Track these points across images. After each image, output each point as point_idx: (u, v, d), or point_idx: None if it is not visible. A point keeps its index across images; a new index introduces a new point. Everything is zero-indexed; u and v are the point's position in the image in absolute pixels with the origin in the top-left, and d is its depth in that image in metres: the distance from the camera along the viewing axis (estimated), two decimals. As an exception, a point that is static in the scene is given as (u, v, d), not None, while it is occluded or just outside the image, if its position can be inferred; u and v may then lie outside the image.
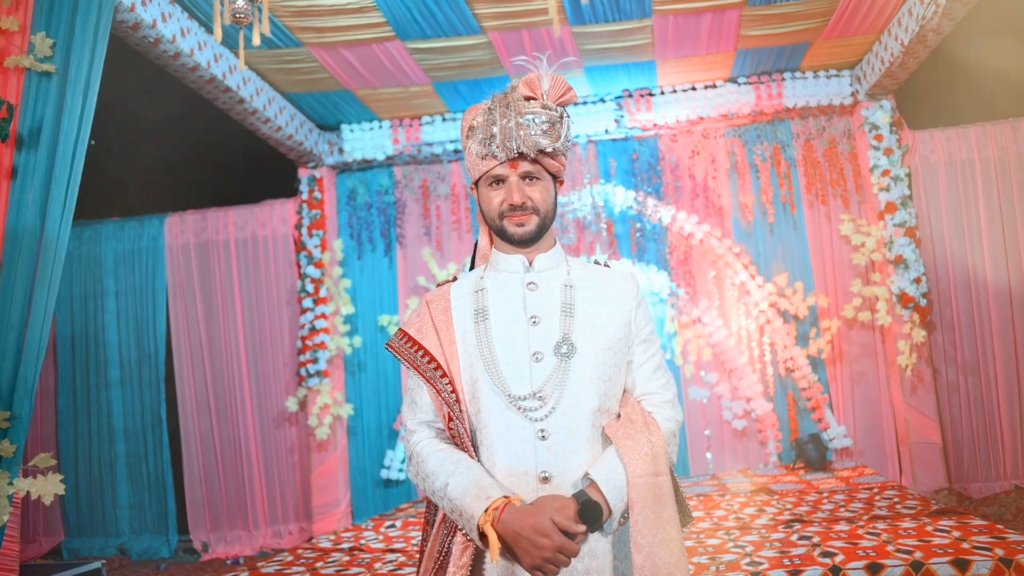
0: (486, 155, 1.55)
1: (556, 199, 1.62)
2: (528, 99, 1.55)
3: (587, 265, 1.67)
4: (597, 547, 1.48)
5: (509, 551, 1.42)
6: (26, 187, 2.94)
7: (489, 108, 1.57)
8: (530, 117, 1.52)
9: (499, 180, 1.56)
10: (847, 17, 5.03)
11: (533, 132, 1.52)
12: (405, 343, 1.63)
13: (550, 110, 1.54)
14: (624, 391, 1.60)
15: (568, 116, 1.59)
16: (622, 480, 1.44)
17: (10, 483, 2.71)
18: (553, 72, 1.57)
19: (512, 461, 1.49)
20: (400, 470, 6.14)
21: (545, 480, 1.47)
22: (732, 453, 5.98)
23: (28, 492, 2.70)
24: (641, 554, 1.42)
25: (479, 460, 1.52)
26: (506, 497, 1.43)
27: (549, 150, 1.53)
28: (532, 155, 1.52)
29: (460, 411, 1.53)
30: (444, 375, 1.55)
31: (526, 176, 1.55)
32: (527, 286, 1.58)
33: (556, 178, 1.62)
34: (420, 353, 1.59)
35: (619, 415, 1.56)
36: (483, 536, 1.42)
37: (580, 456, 1.48)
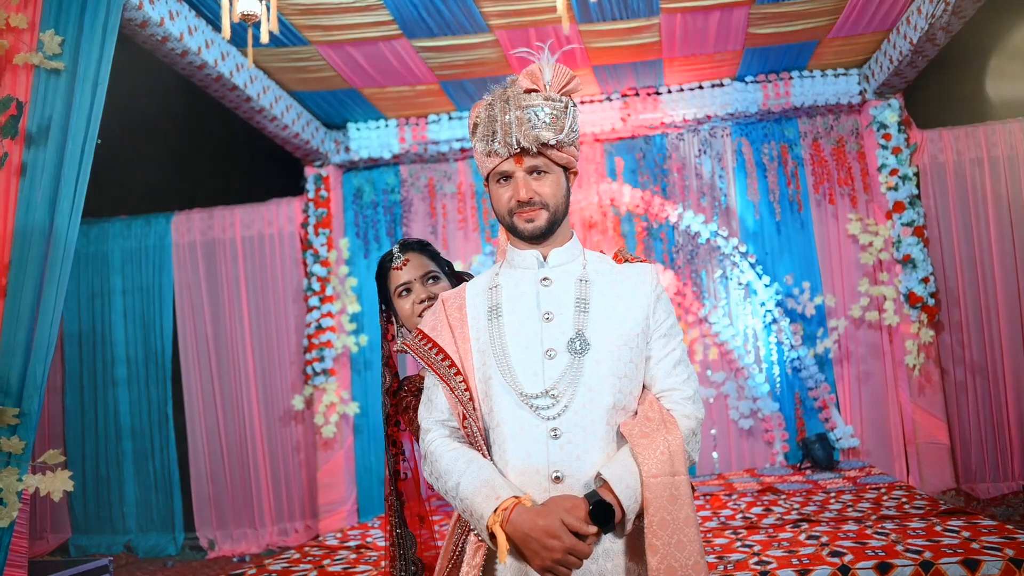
0: (490, 152, 1.52)
1: (568, 192, 1.58)
2: (530, 91, 1.51)
3: (605, 259, 1.62)
4: (612, 548, 1.45)
5: (519, 552, 1.40)
6: (35, 184, 2.94)
7: (489, 103, 1.54)
8: (532, 110, 1.49)
9: (506, 176, 1.53)
10: (856, 15, 5.01)
11: (535, 125, 1.48)
12: (421, 341, 1.61)
13: (553, 101, 1.50)
14: (644, 387, 1.55)
15: (574, 106, 1.54)
16: (636, 480, 1.41)
17: (19, 479, 2.71)
18: (555, 61, 1.53)
19: (524, 460, 1.46)
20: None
21: (557, 480, 1.44)
22: (738, 452, 5.97)
23: (37, 488, 2.70)
24: (656, 556, 1.39)
25: (492, 459, 1.50)
26: (516, 497, 1.40)
27: (552, 143, 1.49)
28: (534, 149, 1.49)
29: (474, 409, 1.51)
30: (458, 373, 1.53)
31: (533, 170, 1.51)
32: (541, 282, 1.55)
33: (568, 170, 1.58)
34: (435, 351, 1.57)
35: (636, 412, 1.52)
36: (493, 536, 1.40)
37: (594, 455, 1.45)
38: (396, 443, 1.96)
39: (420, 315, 1.89)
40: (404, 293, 1.93)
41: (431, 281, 1.94)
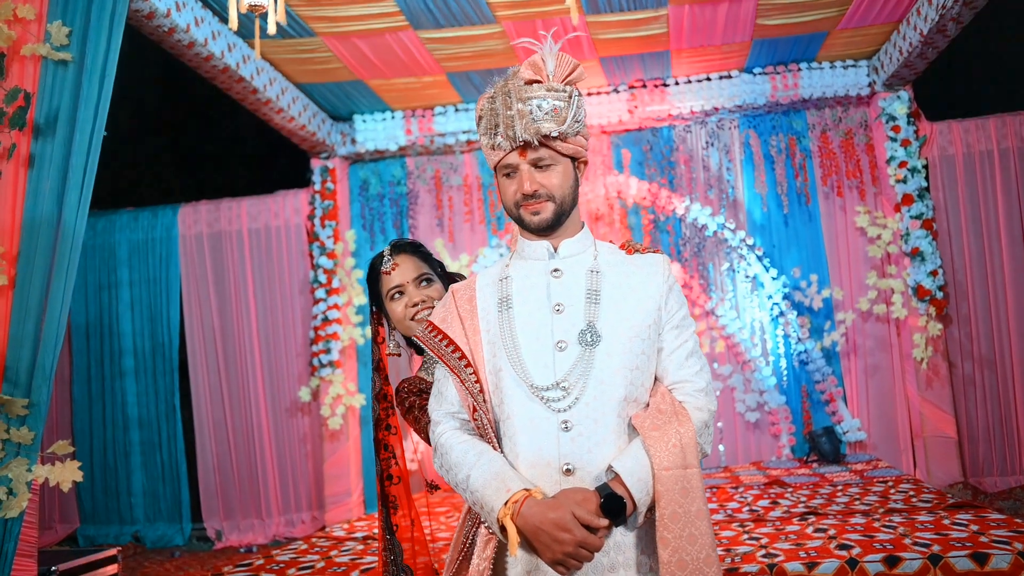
0: (494, 146, 1.51)
1: (576, 182, 1.55)
2: (532, 82, 1.49)
3: (616, 249, 1.61)
4: (623, 541, 1.45)
5: (529, 545, 1.39)
6: (43, 175, 2.94)
7: (491, 96, 1.52)
8: (533, 102, 1.47)
9: (512, 169, 1.52)
10: (865, 6, 4.97)
11: (536, 118, 1.46)
12: (431, 333, 1.60)
13: (556, 91, 1.48)
14: (655, 379, 1.54)
15: (578, 95, 1.51)
16: (647, 473, 1.40)
17: (29, 470, 2.72)
18: (558, 50, 1.50)
19: (535, 453, 1.45)
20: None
21: (568, 472, 1.43)
22: (745, 445, 5.97)
23: (46, 479, 2.71)
24: (668, 549, 1.38)
25: (502, 452, 1.49)
26: (527, 490, 1.40)
27: (555, 134, 1.47)
28: (535, 142, 1.47)
29: (484, 402, 1.50)
30: (468, 365, 1.52)
31: (537, 163, 1.49)
32: (551, 273, 1.54)
33: (577, 160, 1.55)
34: (445, 343, 1.56)
35: (648, 405, 1.51)
36: (504, 529, 1.39)
37: (605, 448, 1.44)
38: (387, 447, 1.94)
39: (413, 318, 1.87)
40: (396, 296, 1.90)
41: (424, 283, 1.90)
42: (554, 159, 1.50)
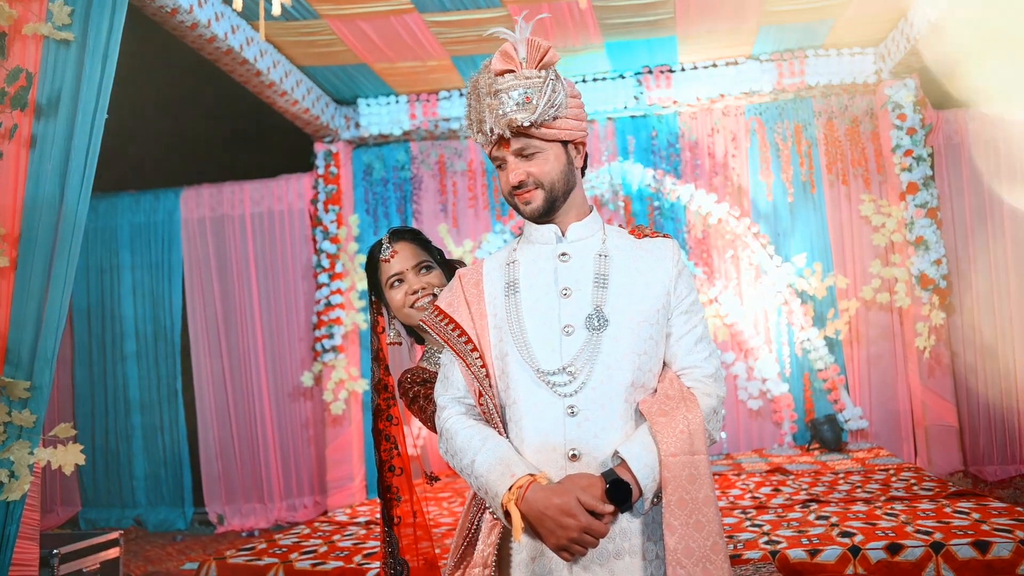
0: (480, 142, 1.51)
1: (570, 165, 1.51)
2: (504, 73, 1.46)
3: (625, 234, 1.59)
4: (629, 528, 1.43)
5: (534, 530, 1.38)
6: (45, 157, 2.92)
7: (468, 93, 1.51)
8: (503, 94, 1.44)
9: (502, 161, 1.51)
10: (874, -8, 4.93)
11: (507, 110, 1.43)
12: (438, 318, 1.58)
13: (528, 79, 1.44)
14: (664, 365, 1.53)
15: (556, 78, 1.47)
16: (654, 459, 1.38)
17: (30, 452, 2.72)
18: (530, 35, 1.47)
19: (540, 438, 1.44)
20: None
21: (574, 458, 1.42)
22: (747, 433, 5.97)
23: (48, 462, 2.70)
24: (674, 536, 1.37)
25: (508, 437, 1.48)
26: (531, 475, 1.38)
27: (526, 124, 1.44)
28: (508, 135, 1.45)
29: (490, 386, 1.49)
30: (475, 349, 1.50)
31: (522, 152, 1.48)
32: (559, 257, 1.52)
33: (571, 142, 1.51)
34: (452, 327, 1.54)
35: (655, 390, 1.49)
36: (508, 514, 1.38)
37: (612, 434, 1.43)
38: (389, 437, 1.93)
39: (412, 306, 1.85)
40: (396, 284, 1.88)
41: (424, 271, 1.88)
42: (539, 146, 1.48)
